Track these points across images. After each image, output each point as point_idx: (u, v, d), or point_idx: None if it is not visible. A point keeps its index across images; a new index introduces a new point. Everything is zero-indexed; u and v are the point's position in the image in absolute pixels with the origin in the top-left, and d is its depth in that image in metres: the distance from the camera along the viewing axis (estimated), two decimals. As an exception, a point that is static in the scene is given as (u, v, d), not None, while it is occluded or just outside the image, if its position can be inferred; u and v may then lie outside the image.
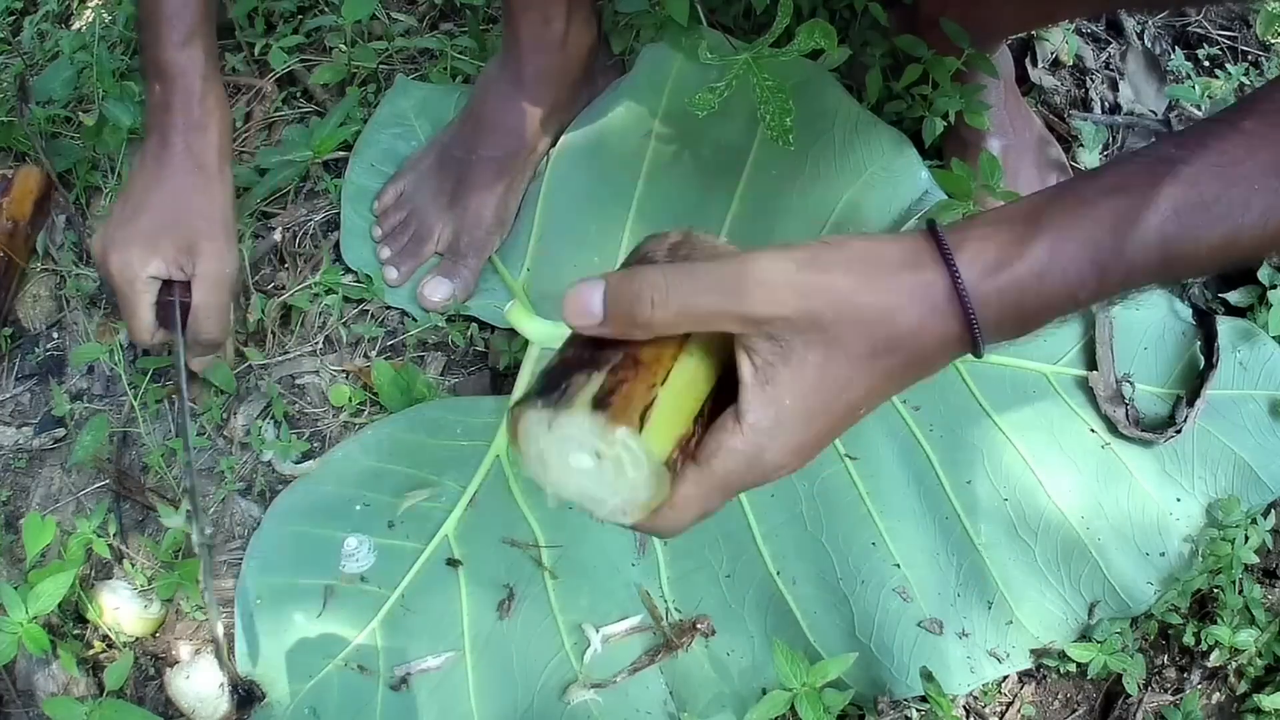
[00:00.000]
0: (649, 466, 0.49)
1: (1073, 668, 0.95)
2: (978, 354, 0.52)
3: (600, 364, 0.51)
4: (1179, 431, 0.97)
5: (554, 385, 0.50)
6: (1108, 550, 0.95)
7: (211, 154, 0.91)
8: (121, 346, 1.09)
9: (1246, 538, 0.94)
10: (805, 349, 0.50)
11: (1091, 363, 1.00)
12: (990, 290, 0.50)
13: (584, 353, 0.52)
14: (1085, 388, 1.00)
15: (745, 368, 0.51)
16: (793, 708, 0.87)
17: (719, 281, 0.50)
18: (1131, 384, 1.00)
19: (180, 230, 0.90)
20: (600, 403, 0.49)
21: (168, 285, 0.92)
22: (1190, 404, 0.98)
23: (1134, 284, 0.52)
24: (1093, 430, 0.99)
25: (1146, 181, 0.50)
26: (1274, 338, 1.03)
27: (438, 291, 1.09)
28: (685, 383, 0.52)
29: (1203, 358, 1.01)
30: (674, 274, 0.51)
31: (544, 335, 1.05)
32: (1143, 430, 0.98)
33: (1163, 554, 0.96)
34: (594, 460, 0.50)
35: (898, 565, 0.95)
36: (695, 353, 0.53)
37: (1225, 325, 1.02)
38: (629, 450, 0.49)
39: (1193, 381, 1.00)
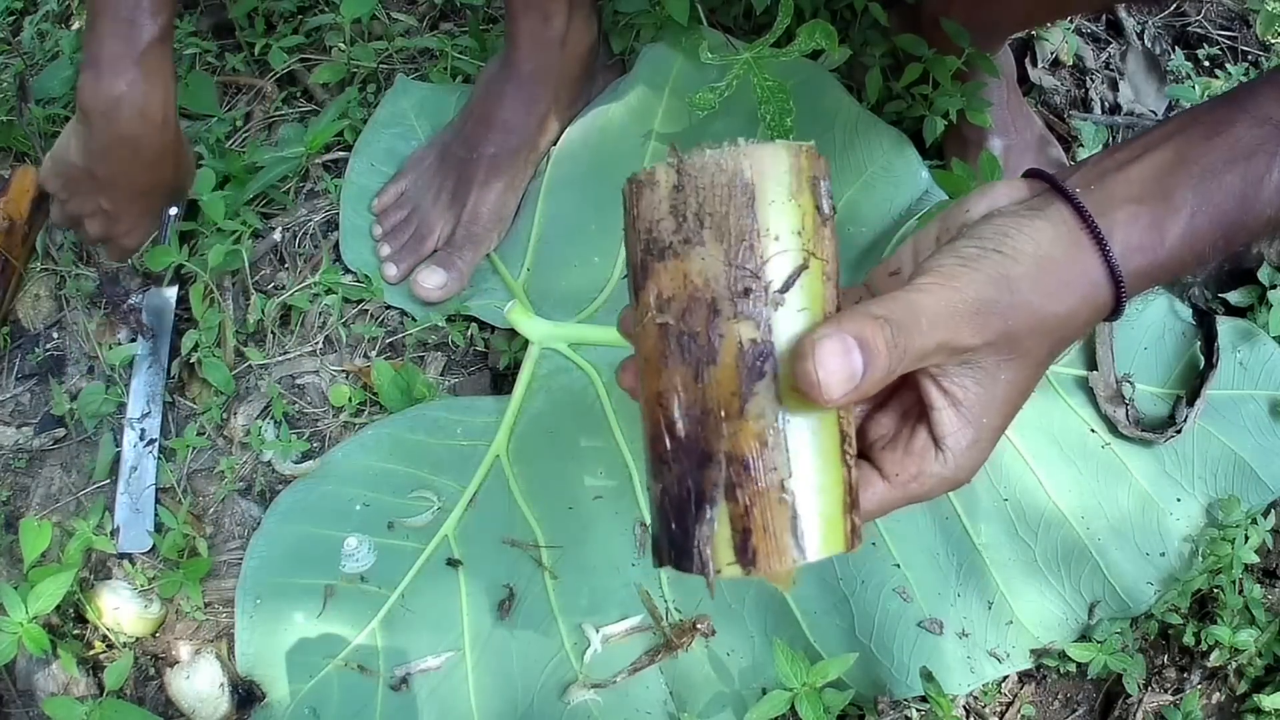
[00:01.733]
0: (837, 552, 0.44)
1: (1073, 668, 0.95)
2: (1115, 320, 0.56)
3: (707, 489, 0.42)
4: (1179, 431, 0.97)
5: (682, 547, 0.43)
6: (1108, 550, 0.95)
7: (173, 134, 1.01)
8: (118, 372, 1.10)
9: (1246, 538, 0.94)
10: (999, 369, 0.51)
11: (1091, 362, 1.00)
12: (1135, 269, 0.53)
13: (678, 476, 0.43)
14: (1085, 388, 1.00)
15: (934, 393, 0.51)
16: (793, 708, 0.87)
17: (937, 318, 0.48)
18: (1131, 384, 1.00)
19: (176, 192, 1.09)
20: (744, 554, 0.42)
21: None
22: (1190, 404, 0.98)
23: (1249, 242, 0.57)
24: (1093, 430, 0.99)
25: (1264, 150, 0.53)
26: (1274, 338, 1.03)
27: (431, 279, 1.09)
28: (817, 452, 0.44)
29: (1203, 358, 1.01)
30: (895, 314, 0.47)
31: (544, 335, 1.05)
32: (1143, 430, 0.98)
33: (1163, 554, 0.96)
34: None
35: (898, 565, 0.95)
36: (791, 399, 0.43)
37: (1225, 325, 1.02)
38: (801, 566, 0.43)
39: (1193, 381, 1.00)
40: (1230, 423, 0.99)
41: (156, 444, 1.06)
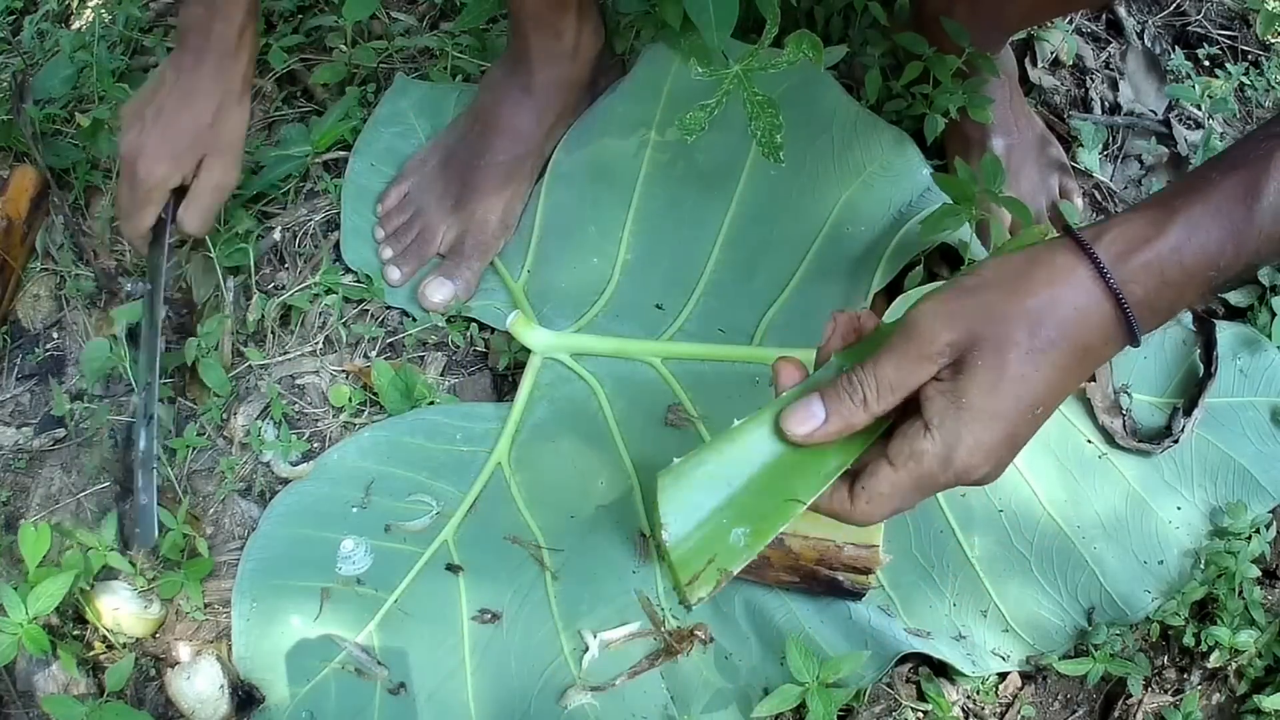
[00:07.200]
0: None
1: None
2: (1135, 340, 0.57)
3: None
4: (1175, 442, 0.96)
5: None
6: (1104, 559, 0.95)
7: (239, 82, 0.97)
8: (121, 341, 1.09)
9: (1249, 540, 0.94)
10: (975, 357, 0.57)
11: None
12: (1133, 268, 0.55)
13: None
14: (1082, 398, 0.98)
15: (926, 387, 0.59)
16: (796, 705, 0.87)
17: (893, 349, 0.59)
18: (1129, 394, 0.99)
19: (200, 147, 0.98)
20: None
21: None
22: (1187, 414, 0.98)
23: (1269, 250, 0.56)
24: (1089, 441, 0.98)
25: (1264, 153, 0.55)
26: (1278, 346, 1.02)
27: (439, 292, 1.09)
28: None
29: (1201, 366, 1.00)
30: (868, 365, 0.60)
31: (545, 346, 1.05)
32: (1139, 441, 0.97)
33: (1161, 562, 0.95)
34: None
35: (881, 587, 0.94)
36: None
37: (1226, 332, 1.01)
38: None
39: (1191, 391, 1.00)
40: (1230, 430, 0.99)
41: (157, 444, 1.06)
